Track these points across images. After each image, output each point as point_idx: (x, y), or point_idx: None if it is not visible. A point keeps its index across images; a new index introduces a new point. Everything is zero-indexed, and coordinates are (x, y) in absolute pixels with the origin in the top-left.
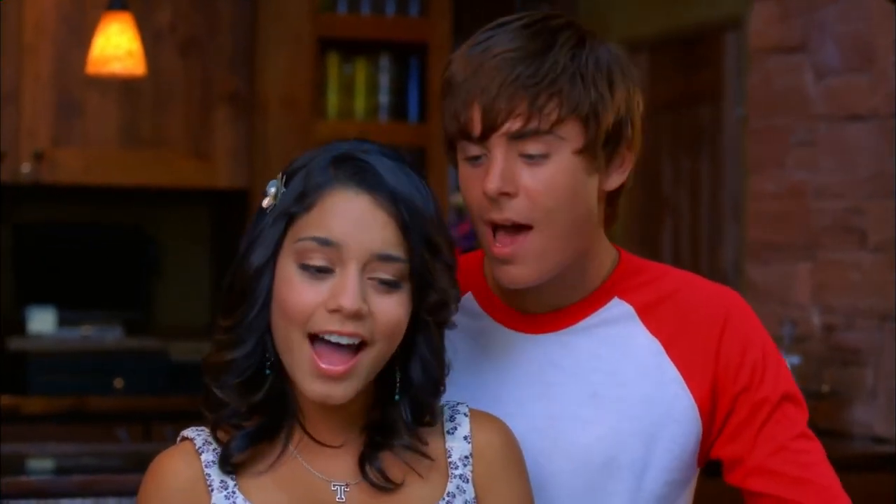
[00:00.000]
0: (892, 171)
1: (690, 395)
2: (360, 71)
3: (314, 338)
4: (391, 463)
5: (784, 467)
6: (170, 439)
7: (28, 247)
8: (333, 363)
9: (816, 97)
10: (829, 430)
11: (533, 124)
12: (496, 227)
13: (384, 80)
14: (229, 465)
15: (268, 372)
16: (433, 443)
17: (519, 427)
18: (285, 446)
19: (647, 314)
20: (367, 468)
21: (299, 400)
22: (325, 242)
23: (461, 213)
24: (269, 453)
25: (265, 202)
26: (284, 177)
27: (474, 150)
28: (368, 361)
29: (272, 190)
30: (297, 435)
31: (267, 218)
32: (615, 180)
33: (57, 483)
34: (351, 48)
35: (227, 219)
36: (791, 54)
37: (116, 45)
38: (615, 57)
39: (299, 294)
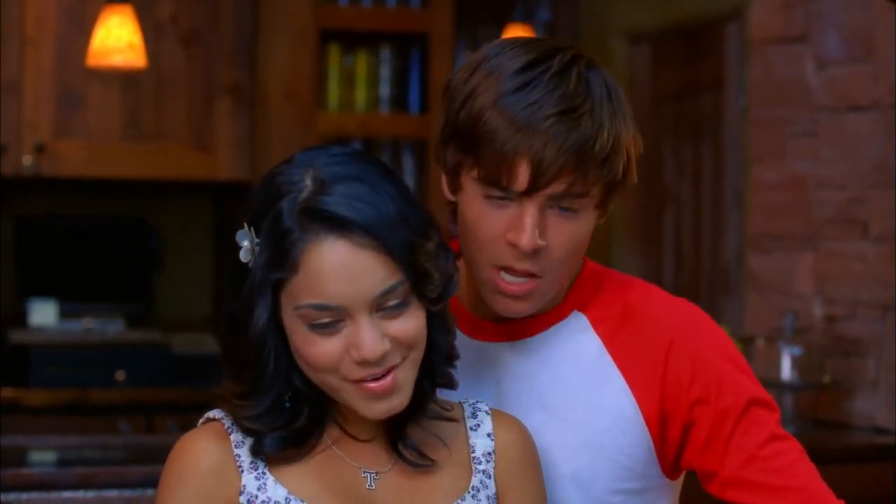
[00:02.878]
0: (893, 161)
1: (637, 407)
2: (361, 62)
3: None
4: (420, 441)
5: (757, 476)
6: (172, 432)
7: (29, 239)
8: (378, 382)
9: (818, 87)
10: (830, 421)
11: (576, 189)
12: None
13: (385, 71)
14: (262, 454)
15: (287, 404)
16: (457, 439)
17: None
18: (319, 440)
19: (601, 324)
20: (402, 448)
21: (336, 403)
22: (325, 308)
23: None
24: (302, 449)
25: (242, 256)
26: (252, 228)
27: (502, 194)
28: (408, 370)
29: (245, 243)
30: (334, 432)
31: (249, 280)
32: (608, 210)
33: (59, 475)
34: (352, 40)
35: (229, 211)
36: (792, 45)
37: (117, 38)
38: (621, 92)
39: (320, 349)
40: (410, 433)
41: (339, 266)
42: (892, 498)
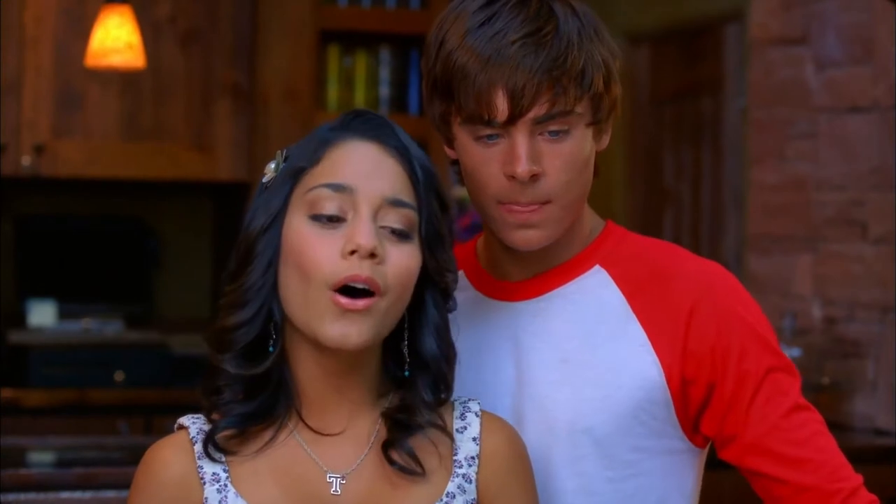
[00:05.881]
0: (893, 162)
1: (659, 365)
2: (361, 63)
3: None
4: (414, 444)
5: (779, 446)
6: (170, 433)
7: (29, 240)
8: (353, 300)
9: (817, 89)
10: (829, 423)
11: (558, 108)
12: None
13: (384, 72)
14: (214, 447)
15: (271, 349)
16: (441, 441)
17: (494, 391)
18: (281, 428)
19: (624, 281)
20: (394, 453)
21: (301, 387)
22: (337, 187)
23: (462, 206)
24: (262, 437)
25: (265, 178)
26: (284, 152)
27: (488, 130)
28: (382, 309)
29: (272, 165)
30: (297, 422)
31: (270, 187)
32: (605, 140)
33: (57, 476)
34: (351, 40)
35: (229, 211)
36: (792, 46)
37: (116, 38)
38: (594, 14)
39: (313, 246)
40: (400, 437)
41: (364, 159)
42: (893, 500)
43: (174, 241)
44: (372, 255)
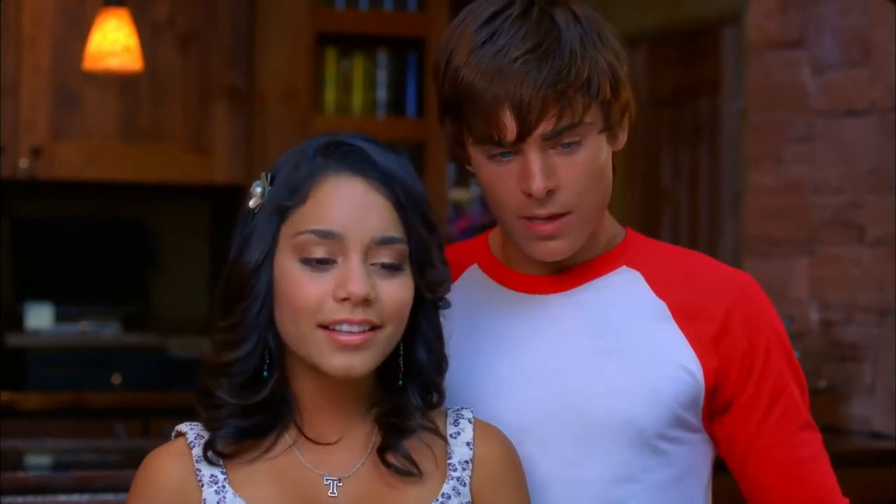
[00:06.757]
0: (890, 165)
1: (697, 360)
2: (358, 66)
3: (324, 328)
4: (408, 446)
5: (785, 459)
6: (168, 435)
7: (26, 242)
8: (350, 336)
9: (815, 91)
10: (826, 426)
11: (565, 121)
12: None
13: (382, 75)
14: (214, 453)
15: (266, 374)
16: (434, 446)
17: (522, 381)
18: (279, 440)
19: (655, 280)
20: (390, 456)
21: (298, 399)
22: (326, 234)
23: (459, 209)
24: (259, 447)
25: (252, 202)
26: (269, 175)
27: (500, 149)
28: (381, 340)
29: (258, 189)
30: (294, 433)
31: (258, 215)
32: (622, 139)
33: (55, 479)
34: (349, 43)
35: (226, 213)
36: (789, 49)
37: (113, 41)
38: (598, 18)
39: (304, 288)
40: (394, 440)
41: (349, 199)
42: (891, 503)
43: (172, 243)
44: (365, 301)
